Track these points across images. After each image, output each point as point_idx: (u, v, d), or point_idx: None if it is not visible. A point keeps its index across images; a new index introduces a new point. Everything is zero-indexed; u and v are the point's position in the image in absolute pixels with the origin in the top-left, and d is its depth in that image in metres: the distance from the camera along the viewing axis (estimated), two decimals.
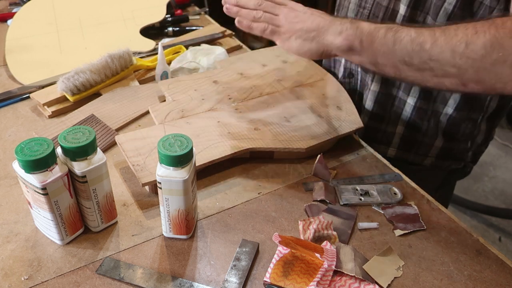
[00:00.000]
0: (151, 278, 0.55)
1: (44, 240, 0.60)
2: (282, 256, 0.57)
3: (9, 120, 0.82)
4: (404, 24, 0.63)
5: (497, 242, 1.81)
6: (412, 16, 0.76)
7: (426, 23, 0.76)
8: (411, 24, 0.67)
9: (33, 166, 0.51)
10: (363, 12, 0.83)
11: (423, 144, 0.86)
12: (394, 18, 0.78)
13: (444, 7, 0.72)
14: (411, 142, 0.86)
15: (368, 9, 0.82)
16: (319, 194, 0.67)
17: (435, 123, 0.85)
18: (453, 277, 0.58)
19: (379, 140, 0.88)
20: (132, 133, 0.72)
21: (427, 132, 0.85)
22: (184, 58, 0.94)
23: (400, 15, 0.77)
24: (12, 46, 1.01)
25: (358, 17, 0.84)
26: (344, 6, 0.88)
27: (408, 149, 0.87)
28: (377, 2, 0.81)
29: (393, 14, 0.79)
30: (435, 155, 0.87)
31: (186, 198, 0.56)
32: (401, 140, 0.87)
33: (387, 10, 0.79)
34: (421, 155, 0.87)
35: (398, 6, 0.77)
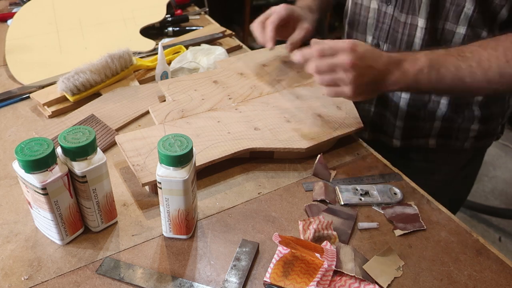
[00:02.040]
0: (151, 278, 0.55)
1: (44, 240, 0.60)
2: (282, 256, 0.57)
3: (9, 120, 0.82)
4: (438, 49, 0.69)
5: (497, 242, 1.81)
6: (433, 25, 0.78)
7: (446, 29, 0.77)
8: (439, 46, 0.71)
9: (33, 166, 0.51)
10: (383, 27, 0.85)
11: (461, 130, 0.89)
12: (414, 31, 0.80)
13: (464, 12, 0.74)
14: (449, 130, 0.89)
15: (387, 24, 0.84)
16: (319, 194, 0.67)
17: (469, 113, 0.87)
18: (453, 277, 0.58)
19: (418, 135, 0.90)
20: (132, 133, 0.72)
21: (463, 120, 0.88)
22: (184, 58, 0.94)
23: (420, 28, 0.79)
24: (12, 46, 1.01)
25: (378, 32, 0.86)
26: (361, 22, 0.89)
27: (448, 137, 0.90)
28: (395, 17, 0.82)
29: (412, 28, 0.80)
30: (474, 137, 0.90)
31: (186, 198, 0.56)
32: (439, 132, 0.89)
33: (405, 25, 0.81)
34: (460, 140, 0.90)
35: (416, 20, 0.79)
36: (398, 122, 0.90)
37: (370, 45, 0.86)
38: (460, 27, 0.76)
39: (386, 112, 0.91)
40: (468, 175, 1.00)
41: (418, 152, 0.93)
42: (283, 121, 0.77)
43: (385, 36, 0.85)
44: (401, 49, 0.82)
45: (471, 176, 1.02)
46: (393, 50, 0.84)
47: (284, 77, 0.89)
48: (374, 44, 0.87)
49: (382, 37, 0.86)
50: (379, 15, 0.84)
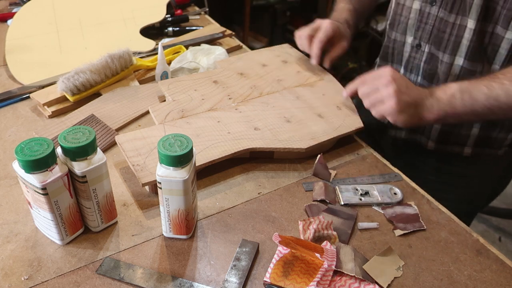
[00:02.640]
0: (151, 278, 0.55)
1: (44, 240, 0.60)
2: (282, 256, 0.57)
3: (9, 120, 0.82)
4: (469, 78, 0.72)
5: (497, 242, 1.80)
6: (482, 28, 0.78)
7: (495, 33, 0.77)
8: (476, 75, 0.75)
9: (33, 166, 0.51)
10: (426, 27, 0.85)
11: (498, 139, 0.89)
12: (462, 32, 0.80)
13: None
14: (485, 139, 0.89)
15: (430, 24, 0.84)
16: (319, 194, 0.67)
17: (505, 121, 0.87)
18: (453, 277, 0.58)
19: (453, 142, 0.91)
20: (132, 133, 0.72)
21: (501, 130, 0.88)
22: (184, 58, 0.94)
23: (470, 29, 0.79)
24: (12, 46, 1.01)
25: (420, 32, 0.86)
26: (402, 22, 0.89)
27: (483, 145, 0.90)
28: (440, 17, 0.82)
29: (460, 29, 0.80)
30: (508, 145, 0.90)
31: (186, 198, 0.56)
32: (476, 139, 0.89)
33: (454, 26, 0.80)
34: (495, 148, 0.90)
35: (466, 21, 0.79)
36: (436, 124, 0.90)
37: (411, 46, 0.89)
38: (510, 33, 0.76)
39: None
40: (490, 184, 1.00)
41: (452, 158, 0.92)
42: (283, 121, 0.77)
43: (428, 37, 0.85)
44: (447, 50, 0.83)
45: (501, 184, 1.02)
46: (436, 51, 0.84)
47: (284, 77, 0.89)
48: (416, 45, 0.88)
49: (424, 37, 0.86)
50: (422, 16, 0.85)
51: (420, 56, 0.88)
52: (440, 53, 0.84)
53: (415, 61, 0.90)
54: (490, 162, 0.92)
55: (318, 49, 0.87)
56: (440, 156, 0.92)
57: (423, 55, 0.87)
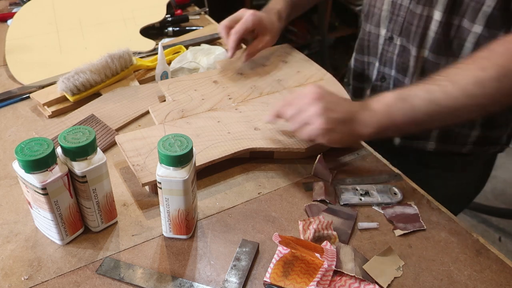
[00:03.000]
0: (151, 278, 0.55)
1: (44, 240, 0.60)
2: (282, 256, 0.57)
3: (9, 120, 0.82)
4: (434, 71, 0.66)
5: (497, 242, 1.81)
6: (449, 20, 0.76)
7: (462, 27, 0.76)
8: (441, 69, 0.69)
9: (33, 166, 0.51)
10: (397, 19, 0.83)
11: (461, 135, 0.87)
12: (428, 24, 0.79)
13: (483, 10, 0.72)
14: (449, 134, 0.88)
15: (402, 16, 0.82)
16: (319, 194, 0.67)
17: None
18: (453, 277, 0.58)
19: (418, 137, 0.89)
20: (132, 133, 0.72)
21: (465, 124, 0.86)
22: (184, 58, 0.94)
23: (436, 21, 0.77)
24: (12, 46, 1.01)
25: (392, 24, 0.85)
26: (375, 14, 0.88)
27: (446, 141, 0.89)
28: (411, 10, 0.81)
29: (427, 21, 0.79)
30: (473, 143, 0.88)
31: (186, 198, 0.56)
32: (439, 134, 0.88)
33: (420, 17, 0.79)
34: (459, 145, 0.89)
35: (432, 13, 0.77)
36: None
37: (384, 38, 0.87)
38: (477, 26, 0.74)
39: None
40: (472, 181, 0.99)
41: (416, 154, 0.92)
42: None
43: (399, 29, 0.84)
44: (414, 42, 0.81)
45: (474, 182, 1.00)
46: (407, 43, 0.83)
47: (284, 77, 0.89)
48: (388, 37, 0.86)
49: (396, 30, 0.84)
50: (394, 7, 0.83)
51: (393, 49, 0.86)
52: (410, 46, 0.82)
53: (388, 54, 0.88)
54: (451, 159, 0.91)
55: (233, 41, 0.83)
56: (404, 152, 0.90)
57: (395, 48, 0.86)
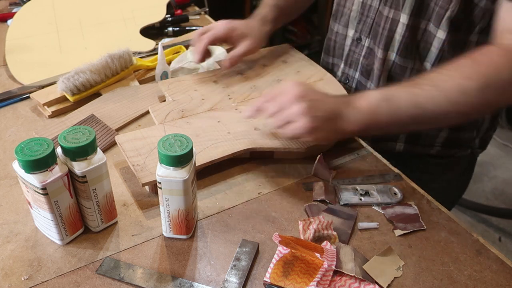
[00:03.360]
0: (151, 278, 0.55)
1: (44, 240, 0.60)
2: (282, 256, 0.57)
3: (9, 120, 0.82)
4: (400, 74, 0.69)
5: (497, 242, 1.80)
6: (415, 24, 0.76)
7: (428, 31, 0.76)
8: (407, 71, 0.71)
9: (33, 166, 0.51)
10: (366, 20, 0.83)
11: (429, 136, 0.87)
12: (395, 27, 0.78)
13: (447, 15, 0.73)
14: (416, 135, 0.87)
15: (371, 17, 0.82)
16: (319, 194, 0.67)
17: None
18: (453, 277, 0.58)
19: (386, 137, 0.88)
20: (132, 133, 0.72)
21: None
22: (184, 58, 0.94)
23: (402, 24, 0.77)
24: (12, 46, 1.01)
25: (361, 25, 0.84)
26: (345, 14, 0.87)
27: (414, 142, 0.88)
28: (379, 11, 0.81)
29: (393, 23, 0.79)
30: (441, 144, 0.87)
31: (186, 198, 0.56)
32: (407, 135, 0.87)
33: (387, 20, 0.79)
34: (427, 146, 0.88)
35: (399, 16, 0.77)
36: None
37: (352, 39, 0.86)
38: (441, 31, 0.74)
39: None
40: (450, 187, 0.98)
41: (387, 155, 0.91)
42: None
43: (368, 30, 0.83)
44: (381, 44, 0.81)
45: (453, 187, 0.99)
46: (373, 45, 0.83)
47: (284, 77, 0.89)
48: (356, 38, 0.86)
49: (364, 31, 0.84)
50: (363, 8, 0.83)
51: (360, 51, 0.86)
52: (376, 48, 0.82)
53: (354, 56, 0.87)
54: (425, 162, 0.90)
55: (201, 46, 0.84)
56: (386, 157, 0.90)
57: (362, 49, 0.85)
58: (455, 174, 0.95)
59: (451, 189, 0.97)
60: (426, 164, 0.91)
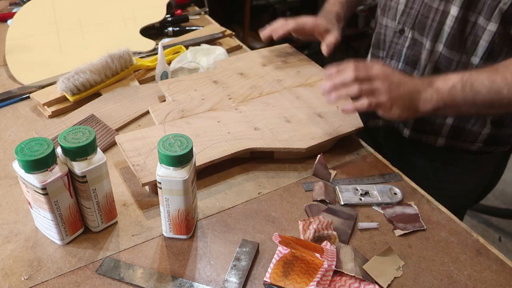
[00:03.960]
0: (151, 278, 0.55)
1: (44, 240, 0.60)
2: (282, 256, 0.57)
3: (9, 120, 0.82)
4: (447, 66, 0.71)
5: (497, 242, 1.80)
6: (465, 16, 0.77)
7: (478, 24, 0.76)
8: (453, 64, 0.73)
9: (33, 166, 0.51)
10: (411, 12, 0.84)
11: (472, 132, 0.88)
12: (444, 19, 0.79)
13: (499, 7, 0.73)
14: (460, 130, 0.88)
15: (416, 9, 0.83)
16: (319, 194, 0.67)
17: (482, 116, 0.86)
18: (453, 277, 0.58)
19: (429, 131, 0.90)
20: (132, 133, 0.72)
21: (476, 122, 0.87)
22: (184, 58, 0.94)
23: (452, 16, 0.78)
24: (12, 46, 1.01)
25: (404, 17, 0.85)
26: (392, 7, 0.88)
27: (456, 138, 0.89)
28: (425, 3, 0.81)
29: (443, 15, 0.79)
30: (483, 141, 0.89)
31: (186, 198, 0.56)
32: (450, 130, 0.89)
33: (437, 12, 0.80)
34: (469, 142, 0.89)
35: (449, 7, 0.78)
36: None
37: (394, 30, 0.87)
38: (492, 24, 0.74)
39: None
40: (481, 182, 0.99)
41: (424, 148, 0.92)
42: (283, 121, 0.77)
43: (412, 22, 0.84)
44: (429, 36, 0.82)
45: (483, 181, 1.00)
46: (419, 37, 0.84)
47: (284, 77, 0.89)
48: (399, 30, 0.87)
49: (408, 22, 0.85)
50: (408, 0, 0.84)
51: (403, 42, 0.87)
52: (424, 39, 0.83)
53: (397, 47, 0.88)
54: (462, 157, 0.92)
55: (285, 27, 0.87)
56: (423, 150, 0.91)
57: (406, 40, 0.86)
58: (487, 171, 0.96)
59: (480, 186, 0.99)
60: (460, 160, 0.92)
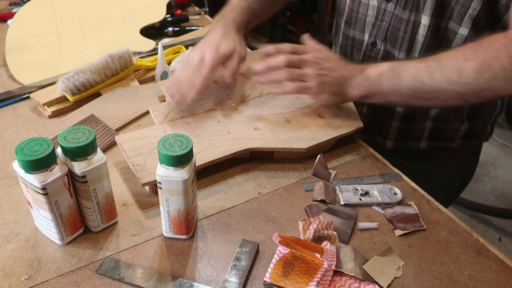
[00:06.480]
0: (151, 278, 0.55)
1: (44, 240, 0.60)
2: (282, 256, 0.57)
3: (9, 120, 0.82)
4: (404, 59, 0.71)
5: (497, 242, 1.80)
6: (437, 24, 0.77)
7: (449, 28, 0.77)
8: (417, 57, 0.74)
9: (33, 166, 0.51)
10: (382, 25, 0.84)
11: (451, 131, 0.89)
12: (416, 29, 0.79)
13: (468, 13, 0.73)
14: (439, 132, 0.89)
15: (387, 21, 0.83)
16: (319, 194, 0.67)
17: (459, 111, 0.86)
18: (453, 277, 0.58)
19: (411, 137, 0.91)
20: (132, 133, 0.72)
21: (455, 120, 0.87)
22: (184, 58, 0.94)
23: (424, 26, 0.78)
24: (12, 46, 1.01)
25: (375, 30, 0.85)
26: (359, 19, 0.87)
27: (437, 139, 0.90)
28: (395, 15, 0.81)
29: (415, 26, 0.79)
30: (462, 137, 0.90)
31: (186, 198, 0.56)
32: (430, 133, 0.89)
33: (408, 23, 0.79)
34: (450, 140, 0.90)
35: (420, 17, 0.78)
36: (394, 123, 0.89)
37: (366, 43, 0.87)
38: (463, 28, 0.75)
39: (381, 113, 0.91)
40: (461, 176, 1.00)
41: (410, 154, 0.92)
42: (283, 121, 0.77)
43: (384, 35, 0.84)
44: (402, 48, 0.82)
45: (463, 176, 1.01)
46: (392, 49, 0.84)
47: None
48: (371, 43, 0.86)
49: (380, 35, 0.85)
50: (378, 13, 0.83)
51: (375, 54, 0.87)
52: (396, 51, 0.83)
53: (370, 60, 0.88)
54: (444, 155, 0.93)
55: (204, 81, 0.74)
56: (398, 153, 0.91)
57: (378, 53, 0.86)
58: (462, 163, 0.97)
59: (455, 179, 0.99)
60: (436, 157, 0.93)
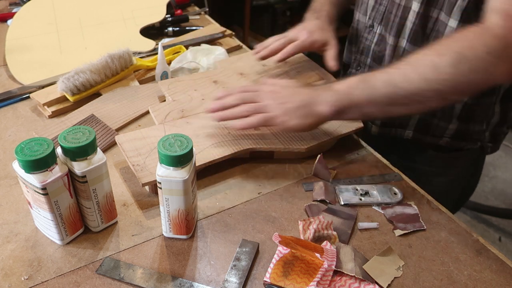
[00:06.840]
0: (151, 278, 0.55)
1: (44, 240, 0.60)
2: (282, 256, 0.57)
3: (9, 120, 0.82)
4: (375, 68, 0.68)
5: (497, 242, 1.80)
6: (426, 12, 0.77)
7: (440, 20, 0.76)
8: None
9: (33, 166, 0.51)
10: (379, 8, 0.85)
11: (439, 126, 0.87)
12: (407, 14, 0.79)
13: (457, 4, 0.73)
14: (427, 125, 0.88)
15: (384, 5, 0.84)
16: (319, 194, 0.67)
17: (449, 108, 0.85)
18: (453, 277, 0.58)
19: (397, 124, 0.90)
20: (132, 133, 0.72)
21: (442, 116, 0.86)
22: (184, 58, 0.94)
23: (413, 12, 0.78)
24: (12, 46, 1.01)
25: (374, 13, 0.85)
26: (364, 2, 0.89)
27: (424, 131, 0.89)
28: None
29: (405, 10, 0.79)
30: (450, 135, 0.88)
31: (186, 198, 0.56)
32: (417, 124, 0.88)
33: (399, 7, 0.80)
34: (437, 136, 0.89)
35: (410, 3, 0.78)
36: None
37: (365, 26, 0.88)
38: (452, 20, 0.74)
39: None
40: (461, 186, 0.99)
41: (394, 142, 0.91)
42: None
43: (380, 18, 0.84)
44: (392, 32, 0.82)
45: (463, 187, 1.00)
46: (385, 32, 0.84)
47: (284, 77, 0.89)
48: (369, 25, 0.87)
49: (377, 18, 0.85)
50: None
51: (372, 38, 0.87)
52: (387, 35, 0.83)
53: (366, 42, 0.89)
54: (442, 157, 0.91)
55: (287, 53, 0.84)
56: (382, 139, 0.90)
57: (374, 36, 0.87)
58: (460, 170, 0.95)
59: (455, 187, 0.97)
60: (432, 158, 0.92)
